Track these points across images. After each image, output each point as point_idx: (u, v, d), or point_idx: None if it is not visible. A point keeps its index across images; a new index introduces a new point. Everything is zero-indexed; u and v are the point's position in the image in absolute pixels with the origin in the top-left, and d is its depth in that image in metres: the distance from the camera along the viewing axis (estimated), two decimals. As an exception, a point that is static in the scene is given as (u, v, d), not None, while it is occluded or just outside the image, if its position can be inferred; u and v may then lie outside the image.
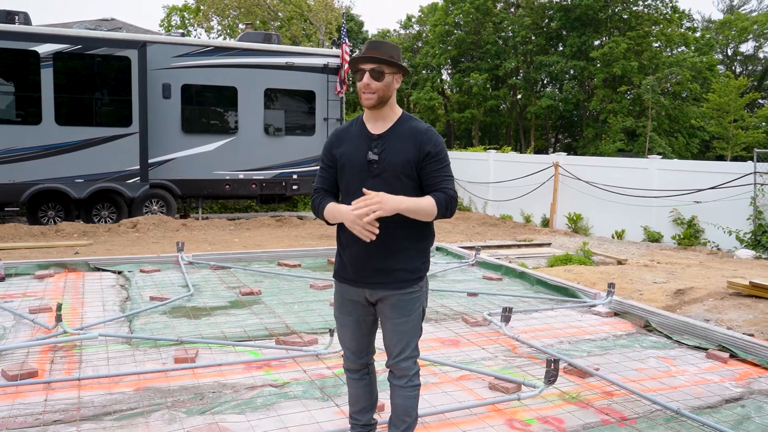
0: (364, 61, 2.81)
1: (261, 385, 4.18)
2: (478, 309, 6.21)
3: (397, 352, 2.92)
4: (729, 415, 3.87)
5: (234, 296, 6.55)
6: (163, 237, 12.39)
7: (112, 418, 3.64)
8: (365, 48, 2.86)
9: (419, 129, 2.87)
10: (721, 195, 12.25)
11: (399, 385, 2.94)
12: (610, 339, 5.42)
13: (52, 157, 13.11)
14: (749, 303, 7.12)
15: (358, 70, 2.84)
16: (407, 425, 2.98)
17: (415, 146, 2.83)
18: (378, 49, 2.82)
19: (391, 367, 2.96)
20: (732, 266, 9.91)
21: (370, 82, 2.80)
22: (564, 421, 3.73)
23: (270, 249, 9.80)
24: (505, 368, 4.60)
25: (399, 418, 2.97)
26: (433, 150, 2.83)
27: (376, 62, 2.79)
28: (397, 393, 2.94)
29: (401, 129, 2.88)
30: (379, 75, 2.80)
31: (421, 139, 2.84)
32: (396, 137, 2.86)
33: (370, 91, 2.81)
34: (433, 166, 2.83)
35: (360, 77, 2.83)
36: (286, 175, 15.57)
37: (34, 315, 5.53)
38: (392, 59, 2.82)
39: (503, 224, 16.21)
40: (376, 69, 2.80)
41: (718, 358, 4.90)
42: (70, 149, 13.25)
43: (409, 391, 2.94)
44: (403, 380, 2.93)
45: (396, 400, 2.96)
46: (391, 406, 2.99)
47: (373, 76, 2.80)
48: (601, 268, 9.77)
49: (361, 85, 2.82)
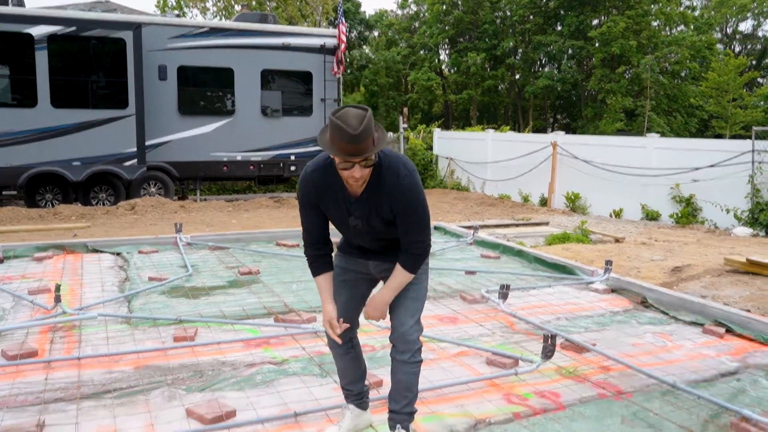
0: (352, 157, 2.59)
1: (260, 362, 4.21)
2: (476, 287, 6.23)
3: (405, 323, 2.92)
4: (724, 388, 3.90)
5: (233, 276, 6.56)
6: (161, 219, 12.39)
7: (112, 396, 3.66)
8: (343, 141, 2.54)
9: (392, 186, 2.74)
10: (719, 173, 12.24)
11: (402, 360, 2.94)
12: (607, 315, 5.45)
13: (49, 140, 13.07)
14: (746, 280, 7.14)
15: (342, 161, 2.62)
16: (408, 401, 3.00)
17: (388, 205, 2.78)
18: (360, 140, 2.54)
19: (396, 341, 2.96)
20: (729, 244, 9.93)
21: (361, 174, 2.65)
22: (561, 395, 3.76)
23: (268, 229, 9.81)
24: (503, 344, 4.63)
25: (400, 394, 2.99)
26: (405, 209, 2.78)
27: (364, 156, 2.59)
28: (400, 369, 2.95)
29: (377, 188, 2.76)
30: (369, 161, 2.66)
31: (393, 198, 2.75)
32: (372, 199, 2.78)
33: (359, 179, 2.68)
34: (406, 220, 2.81)
35: (346, 167, 2.63)
36: (284, 156, 15.54)
37: (33, 296, 5.54)
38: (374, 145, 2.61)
39: (501, 204, 16.22)
40: (366, 159, 2.62)
41: (714, 333, 4.93)
42: (66, 132, 13.21)
43: (412, 366, 2.95)
44: (407, 355, 2.93)
45: (398, 376, 2.96)
46: (393, 382, 3.00)
47: (363, 165, 2.63)
48: (599, 246, 9.79)
49: (347, 174, 2.65)
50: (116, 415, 3.42)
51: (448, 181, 19.80)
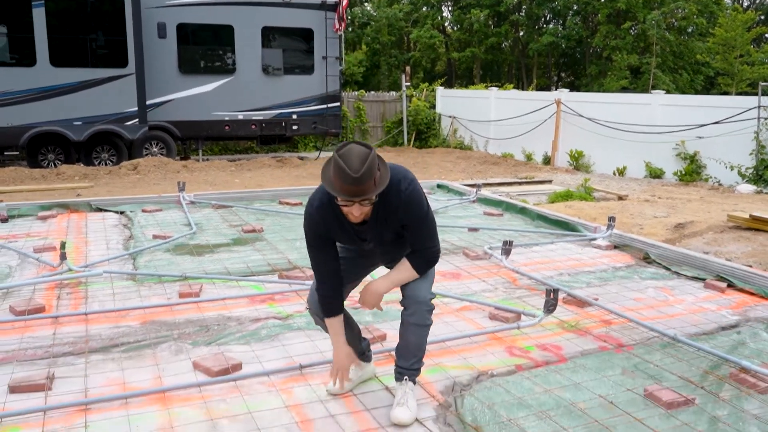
0: (353, 198, 2.58)
1: (265, 317, 4.25)
2: (478, 243, 6.25)
3: (418, 288, 2.90)
4: (725, 341, 3.94)
5: (236, 234, 6.59)
6: (164, 179, 12.39)
7: (120, 350, 3.71)
8: (345, 182, 2.54)
9: (397, 202, 2.74)
10: (724, 130, 12.16)
11: (414, 322, 2.91)
12: (610, 271, 5.48)
13: (49, 100, 12.99)
14: (749, 236, 7.16)
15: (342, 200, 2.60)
16: (417, 359, 3.03)
17: (397, 221, 2.81)
18: (362, 182, 2.53)
19: (409, 304, 2.90)
20: (733, 201, 9.92)
21: (361, 211, 2.64)
22: (562, 348, 3.80)
23: (271, 188, 9.81)
24: (505, 299, 4.67)
25: (410, 352, 3.00)
26: (411, 221, 2.81)
27: (365, 197, 2.58)
28: (412, 330, 2.94)
29: (381, 211, 2.76)
30: (370, 202, 2.65)
31: (400, 217, 2.78)
32: (380, 219, 2.79)
33: (359, 217, 2.67)
34: (415, 232, 2.84)
35: (347, 205, 2.62)
36: (286, 115, 15.44)
37: (39, 254, 5.58)
38: (375, 186, 2.59)
39: (504, 162, 16.17)
40: (368, 199, 2.60)
41: (715, 288, 4.95)
42: (66, 91, 13.12)
43: (424, 329, 2.95)
44: (419, 317, 2.90)
45: (410, 338, 2.96)
46: (402, 341, 3.00)
47: (364, 204, 2.62)
48: (602, 203, 9.79)
49: (347, 211, 2.65)
50: (124, 368, 3.47)
51: (451, 140, 19.70)
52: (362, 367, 3.28)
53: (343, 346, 2.97)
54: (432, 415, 3.03)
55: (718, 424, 2.94)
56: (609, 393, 3.22)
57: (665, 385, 3.28)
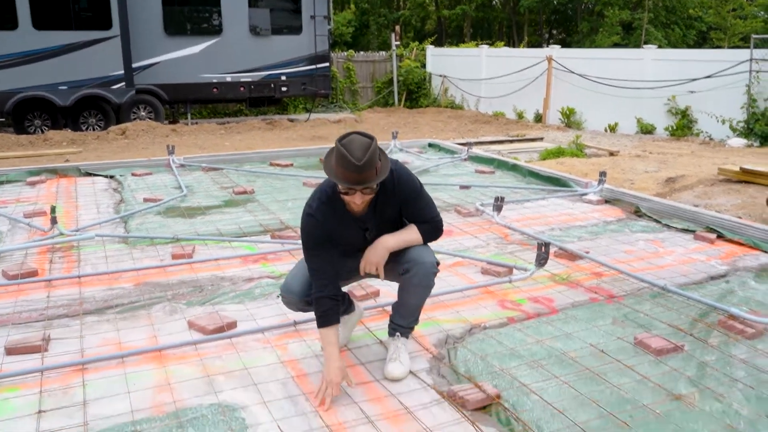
0: (356, 186, 2.62)
1: (258, 277, 4.27)
2: (470, 201, 6.26)
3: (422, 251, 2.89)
4: (714, 290, 3.99)
5: (227, 196, 6.57)
6: (152, 143, 12.30)
7: (115, 311, 3.73)
8: (348, 170, 2.58)
9: (390, 190, 2.79)
10: (715, 84, 12.12)
11: (419, 284, 2.89)
12: (601, 225, 5.51)
13: (33, 64, 12.79)
14: (738, 188, 7.20)
15: (345, 189, 2.64)
16: (414, 318, 3.06)
17: (395, 207, 2.85)
18: (364, 170, 2.58)
19: (413, 266, 2.86)
20: (724, 155, 9.95)
21: (363, 200, 2.69)
22: (554, 300, 3.84)
23: (262, 150, 9.75)
24: (497, 255, 4.69)
25: (409, 312, 3.02)
26: (408, 199, 2.86)
27: (367, 185, 2.63)
28: (414, 292, 2.94)
29: (379, 200, 2.80)
30: (373, 189, 2.68)
31: (398, 198, 2.83)
32: (379, 209, 2.83)
33: (361, 206, 2.72)
34: (413, 208, 2.89)
35: (348, 193, 2.66)
36: (275, 76, 15.27)
37: (29, 219, 5.56)
38: (376, 175, 2.64)
39: (496, 121, 16.10)
40: (369, 187, 2.65)
41: (705, 239, 4.99)
42: (50, 55, 12.91)
43: (427, 291, 2.95)
44: (425, 278, 2.89)
45: (410, 299, 2.97)
46: (402, 301, 3.00)
47: (366, 193, 2.67)
48: (593, 159, 9.80)
49: (348, 199, 2.68)
50: (119, 329, 3.49)
51: (441, 100, 19.57)
52: (348, 319, 3.25)
53: (336, 359, 2.77)
54: (426, 367, 3.07)
55: (706, 369, 2.99)
56: (600, 342, 3.27)
57: (655, 333, 3.32)
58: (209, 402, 2.76)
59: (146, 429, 2.56)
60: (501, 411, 2.67)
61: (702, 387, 2.84)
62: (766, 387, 2.84)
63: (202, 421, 2.61)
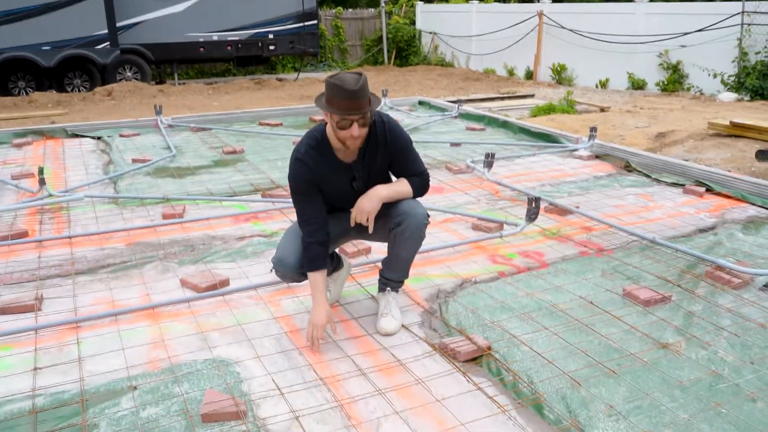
0: (351, 114, 2.61)
1: (250, 235, 4.28)
2: (461, 158, 6.25)
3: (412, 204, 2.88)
4: (702, 242, 4.03)
5: (217, 156, 6.53)
6: (139, 104, 12.15)
7: (107, 271, 3.73)
8: (342, 98, 2.59)
9: (382, 137, 2.82)
10: (707, 38, 12.04)
11: (410, 236, 2.89)
12: (591, 180, 5.53)
13: (14, 24, 12.53)
14: (728, 142, 7.21)
15: (341, 119, 2.63)
16: (404, 272, 3.08)
17: (384, 156, 2.86)
18: (359, 97, 2.59)
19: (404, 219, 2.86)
20: (714, 109, 9.94)
21: (360, 132, 2.66)
22: (544, 255, 3.87)
23: (250, 109, 9.66)
24: (488, 211, 4.71)
25: (399, 266, 3.03)
26: (400, 149, 2.88)
27: (362, 113, 2.62)
28: (406, 245, 2.93)
29: (370, 146, 2.82)
30: (367, 120, 2.66)
31: (389, 148, 2.85)
32: (369, 156, 2.84)
33: (357, 139, 2.69)
34: (403, 160, 2.91)
35: (344, 126, 2.64)
36: (262, 35, 15.03)
37: (17, 180, 5.52)
38: (371, 104, 2.65)
39: (486, 78, 15.98)
40: (364, 117, 2.64)
41: (694, 193, 5.03)
42: (32, 14, 12.64)
43: (418, 243, 2.96)
44: (417, 230, 2.89)
45: (401, 252, 2.97)
46: (393, 254, 3.01)
47: (361, 124, 2.65)
48: (584, 116, 9.77)
49: (346, 134, 2.66)
50: (112, 288, 3.50)
51: (432, 57, 19.37)
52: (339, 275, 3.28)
53: (322, 303, 2.81)
54: (417, 320, 3.11)
55: (692, 319, 3.04)
56: (589, 294, 3.31)
57: (643, 284, 3.37)
58: (204, 357, 2.79)
59: (142, 384, 2.59)
60: (492, 362, 2.71)
61: (688, 335, 2.89)
62: (751, 335, 2.90)
63: (197, 375, 2.64)
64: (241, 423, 2.34)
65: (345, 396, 2.50)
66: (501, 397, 2.49)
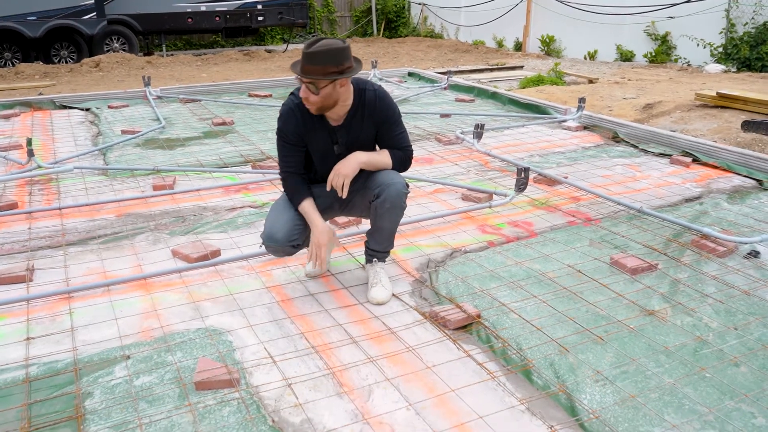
0: (303, 76, 2.68)
1: (240, 206, 4.29)
2: (450, 129, 6.26)
3: (391, 175, 2.88)
4: (688, 211, 4.08)
5: (207, 127, 6.50)
6: (128, 75, 12.01)
7: (98, 242, 3.74)
8: (302, 59, 2.68)
9: (371, 106, 2.85)
10: (695, 9, 12.00)
11: (390, 206, 2.88)
12: (579, 151, 5.56)
13: (-2, -7, 12.31)
14: (715, 113, 7.25)
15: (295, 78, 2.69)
16: (389, 242, 3.09)
17: (373, 124, 2.89)
18: (312, 62, 2.64)
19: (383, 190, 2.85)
20: (701, 80, 9.96)
21: (308, 95, 2.71)
22: (533, 224, 3.91)
23: (240, 80, 9.59)
24: (478, 181, 4.74)
25: (384, 237, 3.05)
26: (387, 119, 2.90)
27: (310, 78, 2.66)
28: (386, 216, 2.92)
29: (357, 114, 2.86)
30: (316, 89, 2.68)
31: (376, 117, 2.87)
32: (355, 124, 2.87)
33: (309, 103, 2.74)
34: (389, 131, 2.93)
35: (300, 86, 2.74)
36: (250, 5, 14.84)
37: (5, 152, 5.48)
38: (327, 74, 2.65)
39: (476, 50, 15.89)
40: (313, 84, 2.68)
41: (681, 163, 5.07)
42: (15, -17, 12.41)
43: (399, 212, 2.95)
44: (396, 199, 2.87)
45: (384, 224, 2.97)
46: (377, 226, 3.00)
47: (309, 89, 2.70)
48: (573, 87, 9.77)
49: (303, 93, 2.74)
50: (104, 258, 3.51)
51: (421, 29, 19.22)
52: None
53: (320, 224, 2.88)
54: (408, 290, 3.15)
55: (678, 286, 3.10)
56: (577, 262, 3.36)
57: (630, 253, 3.42)
58: (196, 327, 2.82)
59: (135, 353, 2.62)
60: (481, 329, 2.76)
61: (674, 303, 2.95)
62: (735, 301, 2.96)
63: (190, 344, 2.68)
64: (234, 390, 2.38)
65: (337, 364, 2.55)
66: (490, 364, 2.54)
